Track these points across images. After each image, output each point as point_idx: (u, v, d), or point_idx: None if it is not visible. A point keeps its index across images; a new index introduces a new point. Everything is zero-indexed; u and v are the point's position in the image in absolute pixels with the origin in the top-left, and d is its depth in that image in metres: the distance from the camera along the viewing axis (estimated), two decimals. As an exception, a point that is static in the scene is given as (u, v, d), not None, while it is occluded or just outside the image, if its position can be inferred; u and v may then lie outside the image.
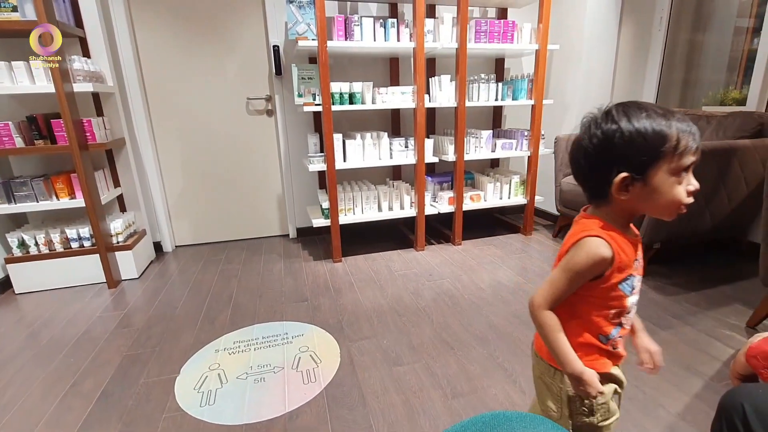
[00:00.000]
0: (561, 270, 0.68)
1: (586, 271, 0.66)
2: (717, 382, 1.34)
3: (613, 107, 0.65)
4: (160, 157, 2.71)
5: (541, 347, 0.78)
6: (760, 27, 2.21)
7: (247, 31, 2.64)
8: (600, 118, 0.65)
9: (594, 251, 0.65)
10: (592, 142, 0.65)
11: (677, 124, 0.61)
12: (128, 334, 1.78)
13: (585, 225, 0.69)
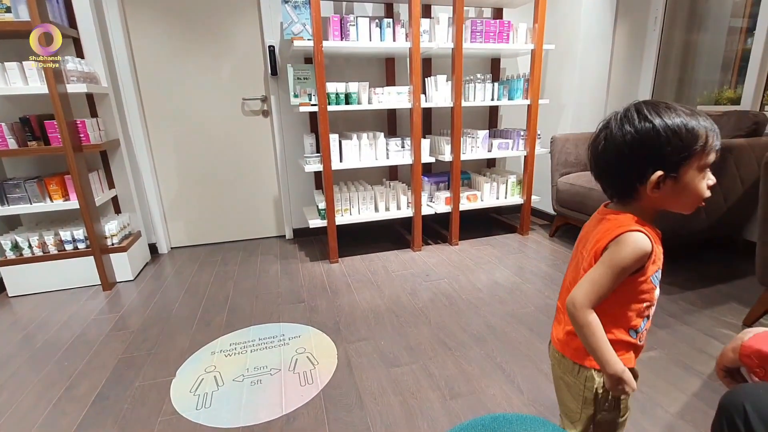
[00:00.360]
0: (604, 267, 0.67)
1: (631, 266, 0.66)
2: (715, 381, 1.34)
3: (642, 105, 0.65)
4: (155, 158, 2.70)
5: (565, 346, 0.77)
6: (753, 27, 2.22)
7: (242, 32, 2.63)
8: (630, 116, 0.65)
9: (640, 246, 0.65)
10: (625, 140, 0.64)
11: (704, 122, 0.62)
12: (123, 336, 1.76)
13: (620, 221, 0.68)
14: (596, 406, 0.75)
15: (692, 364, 1.43)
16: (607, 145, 0.67)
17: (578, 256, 0.76)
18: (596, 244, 0.69)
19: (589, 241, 0.73)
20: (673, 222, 2.01)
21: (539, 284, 2.10)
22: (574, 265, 0.77)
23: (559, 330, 0.80)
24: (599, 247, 0.69)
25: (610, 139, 0.67)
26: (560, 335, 0.79)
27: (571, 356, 0.77)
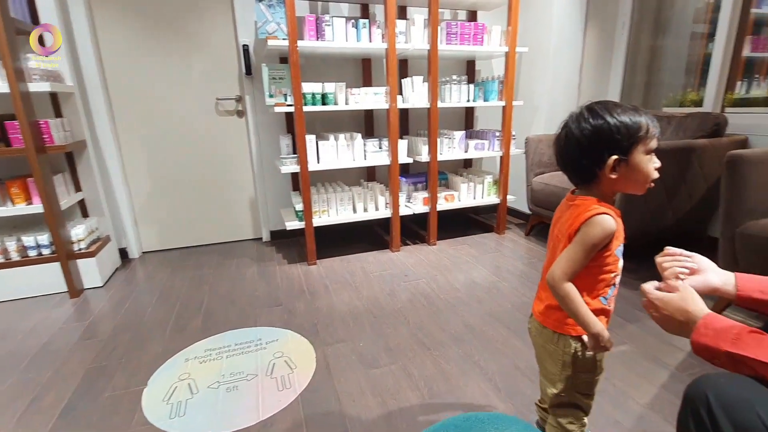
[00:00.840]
0: (578, 245, 0.78)
1: (600, 243, 0.78)
2: (681, 372, 1.39)
3: (593, 105, 0.79)
4: (124, 159, 2.61)
5: (546, 318, 0.89)
6: (714, 32, 2.32)
7: (215, 30, 2.57)
8: (585, 114, 0.78)
9: (607, 226, 0.77)
10: (583, 134, 0.78)
11: (644, 116, 0.77)
12: (92, 345, 1.70)
13: (587, 205, 0.79)
14: (573, 367, 0.87)
15: (661, 357, 1.48)
16: (569, 140, 0.80)
17: (554, 239, 0.88)
18: (569, 227, 0.80)
19: (561, 225, 0.84)
20: (642, 220, 2.08)
21: (516, 283, 2.14)
22: (552, 247, 0.89)
23: (540, 305, 0.92)
24: (572, 230, 0.79)
25: (571, 135, 0.80)
26: (541, 309, 0.91)
27: (551, 326, 0.88)
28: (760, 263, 1.51)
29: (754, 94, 2.43)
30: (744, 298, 0.73)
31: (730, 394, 0.59)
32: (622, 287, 2.03)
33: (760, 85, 2.43)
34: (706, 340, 0.65)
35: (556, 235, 0.86)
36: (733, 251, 1.60)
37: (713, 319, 0.66)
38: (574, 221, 0.79)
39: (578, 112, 0.80)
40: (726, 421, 0.58)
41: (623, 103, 0.78)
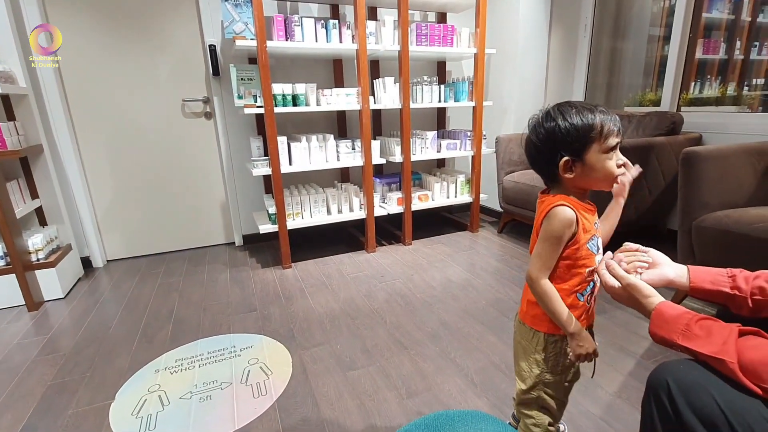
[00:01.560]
0: (542, 241, 0.80)
1: (563, 234, 0.79)
2: (646, 360, 1.46)
3: (551, 108, 0.81)
4: (85, 164, 2.49)
5: (525, 314, 0.90)
6: (669, 35, 2.44)
7: (179, 30, 2.50)
8: (542, 118, 0.81)
9: (563, 215, 0.78)
10: (539, 138, 0.81)
11: (600, 115, 0.77)
12: (53, 360, 1.61)
13: (549, 200, 0.82)
14: (543, 366, 0.88)
15: (627, 346, 1.54)
16: (529, 143, 0.84)
17: (532, 240, 0.89)
18: (535, 224, 0.84)
19: (534, 224, 0.86)
20: (606, 215, 2.16)
21: (490, 279, 2.18)
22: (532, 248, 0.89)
23: (522, 302, 0.93)
24: (537, 227, 0.83)
25: (529, 139, 0.84)
26: (523, 306, 0.92)
27: (528, 323, 0.89)
28: (714, 253, 1.59)
29: (707, 94, 2.57)
30: (697, 290, 0.77)
31: (688, 380, 0.62)
32: (590, 280, 2.10)
33: (712, 86, 2.58)
34: (661, 332, 0.68)
35: (533, 235, 0.89)
36: (690, 243, 1.69)
37: (665, 309, 0.68)
38: (538, 218, 0.83)
39: (537, 116, 0.83)
40: (685, 405, 0.61)
41: (586, 103, 0.79)
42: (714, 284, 0.75)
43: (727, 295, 0.74)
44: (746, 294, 0.71)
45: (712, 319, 0.64)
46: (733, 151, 1.71)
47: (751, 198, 1.73)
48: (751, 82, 2.49)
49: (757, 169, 1.74)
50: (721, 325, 0.62)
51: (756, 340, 0.59)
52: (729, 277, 0.74)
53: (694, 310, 0.68)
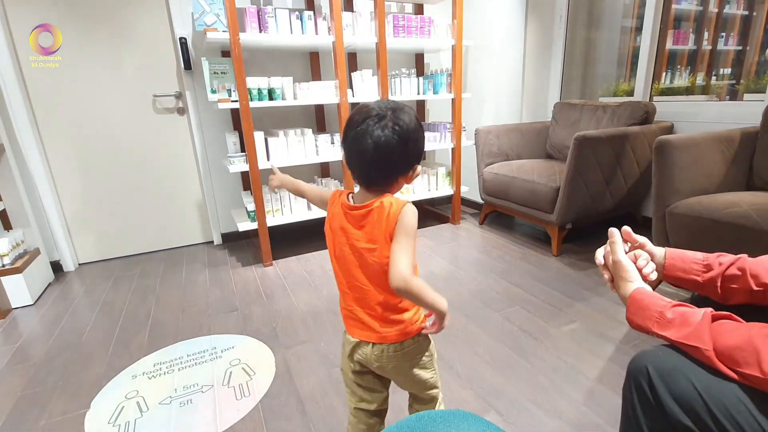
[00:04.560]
0: (407, 237, 0.76)
1: (416, 227, 0.79)
2: (625, 345, 1.49)
3: (405, 109, 0.78)
4: (51, 164, 2.38)
5: (401, 335, 0.82)
6: (641, 26, 2.49)
7: (147, 21, 2.40)
8: (410, 119, 0.78)
9: (414, 210, 0.79)
10: (409, 138, 0.77)
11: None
12: (23, 370, 1.54)
13: (391, 200, 0.79)
14: (432, 353, 0.90)
15: (607, 332, 1.58)
16: (388, 147, 0.78)
17: (352, 252, 0.81)
18: (387, 228, 0.77)
19: (364, 233, 0.79)
20: (584, 204, 2.20)
21: (472, 271, 2.19)
22: (352, 261, 0.82)
23: (377, 327, 0.82)
24: (390, 227, 0.77)
25: (395, 138, 0.78)
26: (383, 329, 0.82)
27: (407, 336, 0.83)
28: (687, 238, 1.64)
29: (677, 83, 2.64)
30: (670, 277, 0.79)
31: (667, 366, 0.63)
32: (569, 269, 2.14)
33: (682, 76, 2.65)
34: (636, 319, 0.69)
35: (352, 247, 0.80)
36: (664, 229, 1.73)
37: (640, 296, 0.70)
38: (389, 221, 0.76)
39: (402, 114, 0.77)
40: (664, 391, 0.62)
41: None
42: (686, 273, 0.77)
43: (698, 284, 0.75)
44: (716, 283, 0.73)
45: (686, 305, 0.65)
46: (703, 138, 1.76)
47: (721, 184, 1.79)
48: (719, 71, 2.57)
49: (726, 156, 1.79)
50: (695, 312, 0.63)
51: (729, 325, 0.60)
52: (703, 266, 0.75)
53: (668, 296, 0.69)
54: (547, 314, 1.72)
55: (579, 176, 2.09)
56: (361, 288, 0.82)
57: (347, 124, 0.79)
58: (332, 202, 0.86)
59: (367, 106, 0.78)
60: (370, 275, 0.80)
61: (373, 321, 0.82)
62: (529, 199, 2.35)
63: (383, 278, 0.78)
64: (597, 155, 2.08)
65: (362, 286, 0.82)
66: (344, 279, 0.84)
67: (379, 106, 0.77)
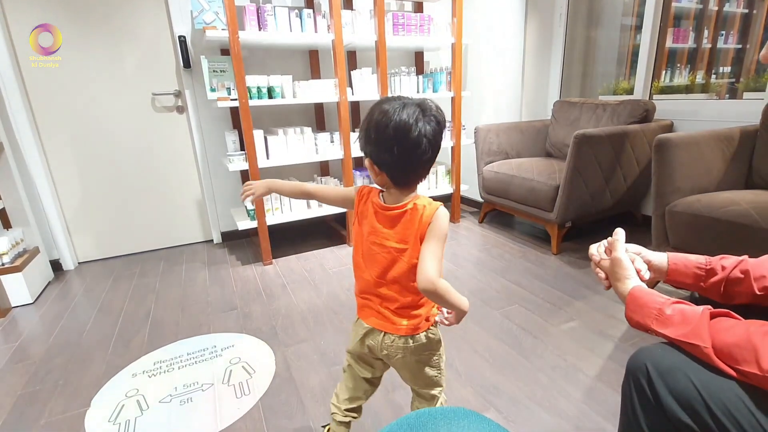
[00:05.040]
0: (438, 241, 0.77)
1: (447, 232, 0.80)
2: (624, 342, 1.50)
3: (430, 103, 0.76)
4: (50, 163, 2.38)
5: (415, 328, 0.84)
6: (641, 24, 2.49)
7: (146, 20, 2.39)
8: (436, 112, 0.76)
9: (447, 215, 0.79)
10: (440, 133, 0.77)
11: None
12: (23, 369, 1.54)
13: (424, 202, 0.80)
14: (442, 352, 0.91)
15: (606, 330, 1.58)
16: (433, 137, 0.77)
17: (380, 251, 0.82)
18: (419, 229, 0.78)
19: (395, 233, 0.80)
20: (584, 202, 2.20)
21: (472, 269, 2.19)
22: (381, 259, 0.82)
23: (396, 320, 0.84)
24: (423, 229, 0.78)
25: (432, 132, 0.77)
26: (403, 323, 0.83)
27: (421, 330, 0.85)
28: (687, 236, 1.64)
29: (677, 82, 2.64)
30: (673, 281, 0.79)
31: (666, 363, 0.63)
32: (569, 267, 2.14)
33: (682, 74, 2.64)
34: (636, 316, 0.69)
35: (381, 245, 0.81)
36: (663, 227, 1.74)
37: (639, 294, 0.70)
38: (422, 223, 0.77)
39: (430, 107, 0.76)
40: (663, 388, 0.62)
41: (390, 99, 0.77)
42: (689, 278, 0.77)
43: (701, 288, 0.76)
44: (720, 287, 0.73)
45: (684, 303, 0.65)
46: (702, 137, 1.76)
47: (720, 182, 1.79)
48: (719, 70, 2.57)
49: (726, 154, 1.79)
50: (693, 309, 0.64)
51: (728, 322, 0.60)
52: (706, 270, 0.75)
53: (666, 293, 0.69)
54: (546, 312, 1.73)
55: (579, 175, 2.09)
56: (384, 283, 0.83)
57: (382, 122, 0.74)
58: (361, 200, 0.86)
59: (396, 101, 0.75)
60: (397, 273, 0.81)
61: (389, 313, 0.84)
62: (529, 198, 2.35)
63: (409, 277, 0.80)
64: (597, 154, 2.08)
65: (386, 282, 0.83)
66: (368, 273, 0.85)
67: (410, 101, 0.75)
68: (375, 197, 0.83)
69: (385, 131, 0.74)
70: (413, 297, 0.83)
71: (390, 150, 0.74)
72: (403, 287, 0.82)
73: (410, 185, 0.81)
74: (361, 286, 0.88)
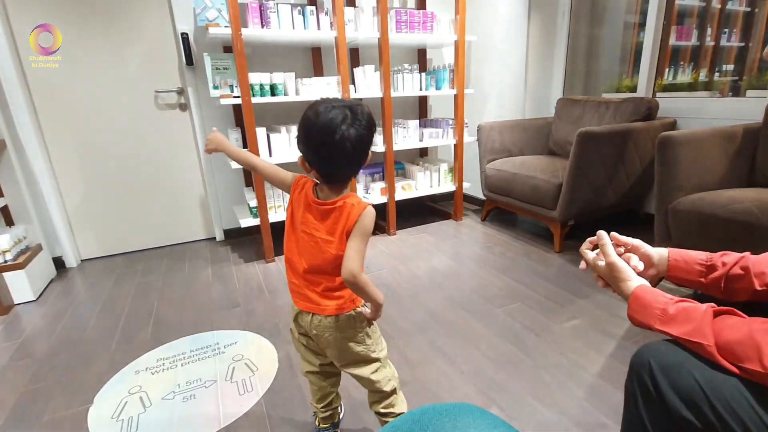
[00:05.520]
0: (362, 237, 0.84)
1: (372, 229, 0.86)
2: (626, 340, 1.49)
3: (357, 104, 0.82)
4: (53, 160, 2.38)
5: (339, 309, 0.91)
6: (644, 22, 2.48)
7: (148, 17, 2.39)
8: (364, 113, 0.82)
9: (373, 214, 0.85)
10: (368, 134, 0.83)
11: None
12: (26, 366, 1.55)
13: (353, 200, 0.85)
14: (368, 329, 0.96)
15: (608, 328, 1.58)
16: (359, 138, 0.82)
17: (308, 240, 0.89)
18: (345, 225, 0.84)
19: (325, 227, 0.87)
20: (586, 200, 2.20)
21: (474, 267, 2.19)
22: (309, 247, 0.89)
23: (322, 301, 0.91)
24: (350, 225, 0.84)
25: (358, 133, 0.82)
26: (328, 304, 0.91)
27: (346, 310, 0.92)
28: (690, 235, 1.64)
29: (680, 80, 2.63)
30: (674, 278, 0.79)
31: (669, 360, 0.63)
32: (571, 265, 2.14)
33: (685, 72, 2.63)
34: (638, 316, 0.69)
35: (311, 235, 0.88)
36: (666, 225, 1.73)
37: (642, 294, 0.69)
38: (349, 219, 0.84)
39: (357, 110, 0.81)
40: (666, 385, 0.62)
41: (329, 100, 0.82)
42: (689, 274, 0.77)
43: (701, 284, 0.76)
44: (720, 283, 0.73)
45: (688, 301, 0.65)
46: (706, 135, 1.75)
47: (723, 180, 1.78)
48: (722, 68, 2.56)
49: (729, 152, 1.79)
50: (696, 307, 0.63)
51: (731, 320, 0.60)
52: (706, 267, 0.75)
53: (669, 292, 0.69)
54: (548, 310, 1.72)
55: (581, 173, 2.08)
56: (310, 270, 0.90)
57: (310, 122, 0.79)
58: (296, 189, 0.91)
59: (328, 102, 0.80)
60: (322, 262, 0.88)
61: (315, 296, 0.91)
62: (532, 196, 2.35)
63: (333, 267, 0.87)
64: (600, 151, 2.08)
65: (312, 268, 0.90)
66: (298, 259, 0.92)
67: (342, 103, 0.80)
68: (309, 190, 0.88)
69: (311, 131, 0.79)
70: (336, 282, 0.89)
71: (316, 150, 0.81)
72: (327, 273, 0.89)
73: (337, 184, 0.87)
74: (292, 271, 0.94)
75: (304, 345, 1.01)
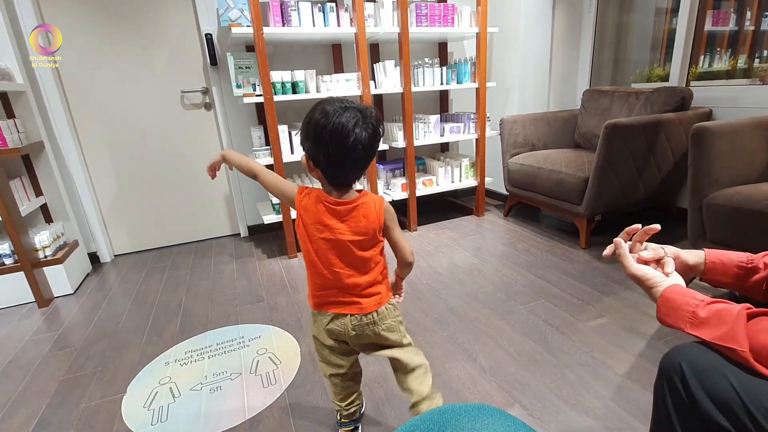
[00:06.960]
0: (396, 225, 0.94)
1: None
2: (656, 340, 1.44)
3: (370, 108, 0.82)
4: (87, 160, 2.49)
5: (378, 303, 0.94)
6: (677, 7, 2.36)
7: (174, 19, 2.45)
8: (373, 115, 0.81)
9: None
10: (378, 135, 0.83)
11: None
12: (65, 356, 1.63)
13: (372, 197, 0.90)
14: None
15: (637, 327, 1.53)
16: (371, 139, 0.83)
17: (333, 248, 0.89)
18: (375, 222, 0.88)
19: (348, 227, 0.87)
20: (614, 195, 2.13)
21: (496, 263, 2.16)
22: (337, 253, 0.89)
23: (359, 301, 0.92)
24: (381, 222, 0.89)
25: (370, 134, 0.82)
26: (368, 301, 0.92)
27: (384, 302, 0.95)
28: (725, 231, 1.56)
29: (717, 67, 2.50)
30: (711, 280, 0.75)
31: (702, 363, 0.61)
32: (597, 261, 2.08)
33: (722, 59, 2.50)
34: (668, 319, 0.65)
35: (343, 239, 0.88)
36: (700, 221, 1.66)
37: (672, 296, 0.66)
38: (376, 216, 0.88)
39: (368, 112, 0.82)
40: (699, 389, 0.60)
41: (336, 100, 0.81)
42: (728, 276, 0.73)
43: (741, 287, 0.72)
44: (762, 286, 0.69)
45: (721, 302, 0.62)
46: (744, 125, 1.66)
47: (763, 174, 1.69)
48: (762, 53, 2.41)
49: (770, 143, 1.69)
50: (730, 309, 0.60)
51: (766, 323, 0.57)
52: (747, 269, 0.71)
53: (701, 291, 0.66)
54: (574, 308, 1.68)
55: (609, 166, 2.02)
56: (341, 273, 0.90)
57: (320, 124, 0.77)
58: (302, 198, 0.91)
59: (335, 103, 0.79)
60: (353, 262, 0.90)
61: (353, 297, 0.92)
62: (556, 191, 2.29)
63: (366, 264, 0.90)
64: (629, 144, 2.00)
65: (342, 271, 0.90)
66: (326, 269, 0.90)
67: (350, 104, 0.79)
68: (321, 194, 0.88)
69: (322, 132, 0.78)
70: (370, 277, 0.92)
71: (325, 151, 0.80)
72: (361, 272, 0.91)
73: (344, 184, 0.87)
74: (319, 283, 0.93)
75: (331, 348, 0.99)
